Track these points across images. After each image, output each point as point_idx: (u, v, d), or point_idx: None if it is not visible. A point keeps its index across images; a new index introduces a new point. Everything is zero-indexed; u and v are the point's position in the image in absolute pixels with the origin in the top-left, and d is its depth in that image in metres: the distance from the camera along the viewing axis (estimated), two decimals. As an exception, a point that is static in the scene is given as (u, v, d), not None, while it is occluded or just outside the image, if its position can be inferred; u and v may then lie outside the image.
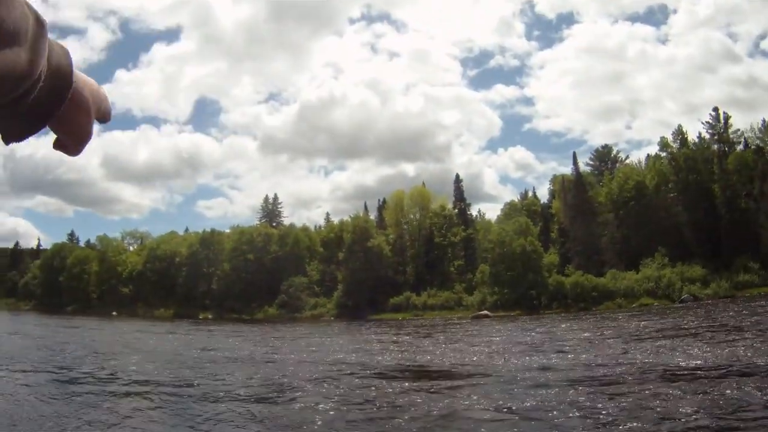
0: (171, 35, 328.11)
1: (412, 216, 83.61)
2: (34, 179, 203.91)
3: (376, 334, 42.55)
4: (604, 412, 12.44)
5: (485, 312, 61.23)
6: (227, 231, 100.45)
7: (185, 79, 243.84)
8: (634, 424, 11.29)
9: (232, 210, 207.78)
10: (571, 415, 12.42)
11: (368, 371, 21.20)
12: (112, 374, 22.12)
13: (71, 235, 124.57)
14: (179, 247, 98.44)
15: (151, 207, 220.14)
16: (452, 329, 44.52)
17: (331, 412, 14.26)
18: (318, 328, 55.61)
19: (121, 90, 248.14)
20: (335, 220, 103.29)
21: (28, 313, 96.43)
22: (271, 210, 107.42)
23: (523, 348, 26.82)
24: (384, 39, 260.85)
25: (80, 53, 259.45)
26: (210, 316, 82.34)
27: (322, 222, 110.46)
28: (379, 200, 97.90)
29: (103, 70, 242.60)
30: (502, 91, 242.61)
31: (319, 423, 13.29)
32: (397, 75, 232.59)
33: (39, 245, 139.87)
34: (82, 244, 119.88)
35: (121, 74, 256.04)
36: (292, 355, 28.58)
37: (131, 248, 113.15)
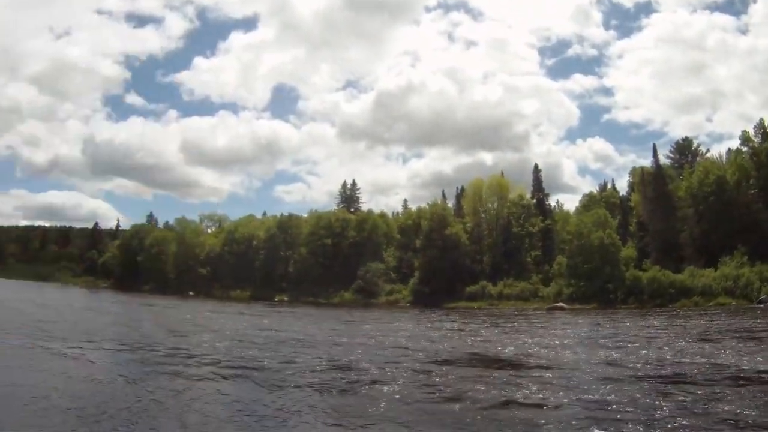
0: (248, 23, 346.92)
1: (490, 205, 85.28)
2: (113, 163, 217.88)
3: (448, 322, 44.29)
4: (662, 409, 13.23)
5: (561, 304, 63.20)
6: (305, 215, 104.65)
7: (263, 66, 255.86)
8: (690, 422, 12.01)
9: (311, 195, 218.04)
10: (627, 410, 13.20)
11: (435, 357, 22.81)
12: (183, 352, 24.34)
13: (150, 216, 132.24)
14: (257, 230, 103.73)
15: (230, 191, 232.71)
16: (525, 320, 46.06)
17: (396, 396, 15.50)
18: (392, 314, 57.49)
19: (200, 77, 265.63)
20: (413, 207, 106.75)
21: (106, 291, 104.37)
22: (349, 195, 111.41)
23: (592, 342, 28.12)
24: (461, 27, 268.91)
25: (158, 42, 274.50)
26: (286, 299, 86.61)
27: (399, 208, 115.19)
28: (457, 188, 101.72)
29: (181, 58, 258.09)
30: (580, 81, 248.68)
31: (382, 405, 14.49)
32: (475, 64, 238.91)
33: (118, 226, 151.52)
34: (160, 225, 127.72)
35: (199, 61, 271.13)
36: (363, 339, 30.34)
37: (209, 231, 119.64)
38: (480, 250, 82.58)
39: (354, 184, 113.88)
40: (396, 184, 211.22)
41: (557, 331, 35.46)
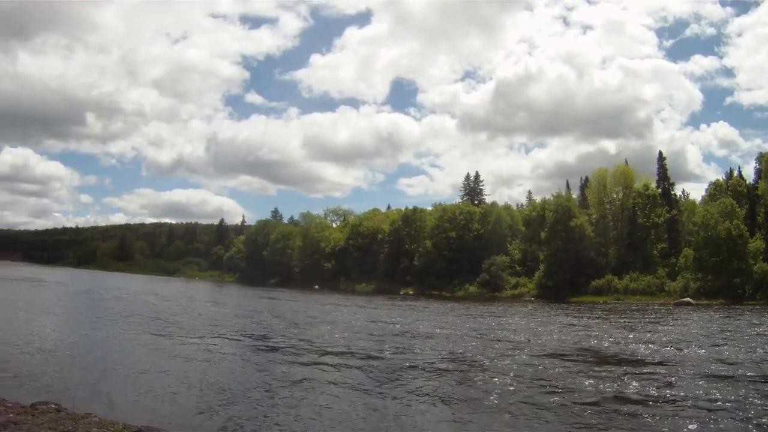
0: (362, 19, 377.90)
1: (614, 195, 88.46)
2: (236, 160, 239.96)
3: (567, 317, 45.81)
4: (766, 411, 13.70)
5: (687, 299, 64.84)
6: (429, 208, 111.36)
7: (380, 60, 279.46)
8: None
9: (433, 188, 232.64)
10: (731, 410, 13.94)
11: (547, 352, 24.14)
12: (305, 342, 26.58)
13: (275, 212, 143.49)
14: (381, 224, 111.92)
15: (354, 185, 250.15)
16: (649, 316, 47.24)
17: (510, 388, 16.73)
18: (514, 308, 59.48)
19: (317, 74, 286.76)
20: (537, 198, 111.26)
21: (232, 285, 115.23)
22: (472, 188, 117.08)
23: (713, 340, 28.69)
24: (575, 11, 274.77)
25: (273, 41, 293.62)
26: (411, 292, 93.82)
27: (523, 200, 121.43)
28: (581, 178, 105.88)
29: (298, 56, 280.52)
30: (700, 62, 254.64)
31: (493, 398, 15.64)
32: (592, 48, 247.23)
33: (243, 222, 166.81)
34: (285, 221, 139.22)
35: (316, 59, 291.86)
36: (480, 332, 32.30)
37: (334, 225, 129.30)
38: (605, 243, 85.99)
39: (477, 175, 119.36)
40: (519, 174, 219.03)
41: (684, 327, 36.31)
